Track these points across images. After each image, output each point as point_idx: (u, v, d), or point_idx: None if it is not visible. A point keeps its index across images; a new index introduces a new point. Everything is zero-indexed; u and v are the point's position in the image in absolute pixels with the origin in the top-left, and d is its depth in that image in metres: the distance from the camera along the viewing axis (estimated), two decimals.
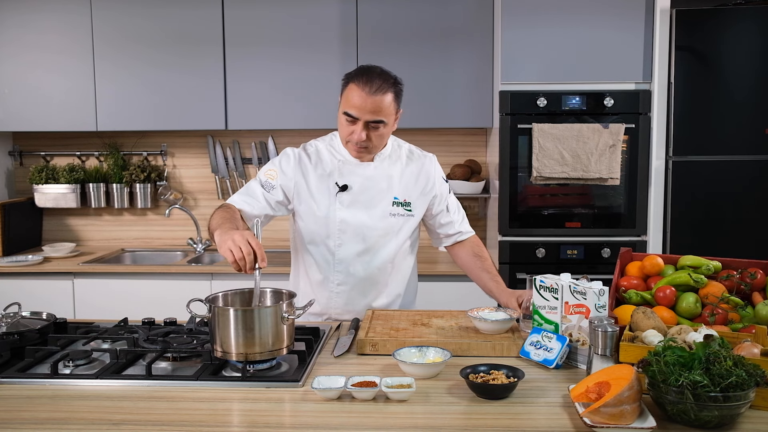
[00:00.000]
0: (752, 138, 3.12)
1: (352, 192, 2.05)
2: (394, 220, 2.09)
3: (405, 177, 2.11)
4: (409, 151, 2.17)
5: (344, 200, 2.06)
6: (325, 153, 2.10)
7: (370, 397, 1.43)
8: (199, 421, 1.35)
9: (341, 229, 2.06)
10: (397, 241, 2.11)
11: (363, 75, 1.93)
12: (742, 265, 1.84)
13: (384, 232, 2.08)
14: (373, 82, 1.91)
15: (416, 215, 2.13)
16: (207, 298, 1.66)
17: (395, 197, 2.09)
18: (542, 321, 1.73)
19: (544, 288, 1.73)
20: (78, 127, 3.57)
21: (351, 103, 1.92)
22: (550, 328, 1.71)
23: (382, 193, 2.08)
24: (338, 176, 2.06)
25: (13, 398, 1.47)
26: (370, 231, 2.07)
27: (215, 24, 3.46)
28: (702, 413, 1.25)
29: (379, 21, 3.41)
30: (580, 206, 3.23)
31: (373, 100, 1.90)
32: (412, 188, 2.12)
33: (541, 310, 1.74)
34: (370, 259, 2.09)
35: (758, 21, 3.08)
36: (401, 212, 2.09)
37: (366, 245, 2.08)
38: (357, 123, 1.94)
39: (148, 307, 2.77)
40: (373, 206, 2.07)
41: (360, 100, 1.90)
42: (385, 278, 2.13)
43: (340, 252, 2.08)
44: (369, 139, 1.96)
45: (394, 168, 2.10)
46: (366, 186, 2.06)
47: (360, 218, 2.06)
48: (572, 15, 3.13)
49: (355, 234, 2.06)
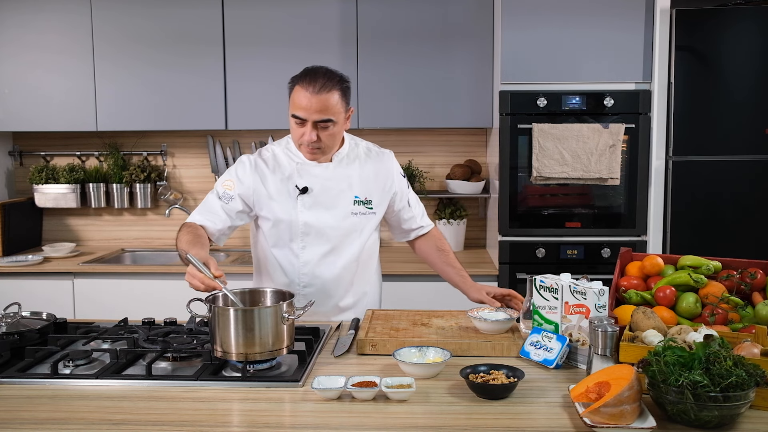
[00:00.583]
0: (752, 138, 3.12)
1: (312, 194, 2.05)
2: (356, 219, 2.09)
3: (364, 175, 2.11)
4: (366, 149, 2.16)
5: (306, 202, 2.05)
6: (282, 157, 2.08)
7: (370, 397, 1.43)
8: (199, 421, 1.35)
9: (304, 232, 2.06)
10: (361, 239, 2.11)
11: (307, 76, 1.92)
12: (742, 265, 1.84)
13: (347, 231, 2.08)
14: (317, 81, 1.89)
15: (378, 213, 2.14)
16: (207, 298, 1.66)
17: (356, 196, 2.08)
18: (542, 321, 1.73)
19: (544, 288, 1.73)
20: (78, 127, 3.57)
21: (297, 104, 1.91)
22: (550, 328, 1.71)
23: (343, 193, 2.07)
24: (297, 179, 2.05)
25: (13, 398, 1.47)
26: (333, 231, 2.07)
27: (215, 24, 3.46)
28: (702, 413, 1.25)
29: (379, 21, 3.41)
30: (580, 206, 3.23)
31: (318, 99, 1.88)
32: (372, 186, 2.12)
33: (541, 310, 1.74)
34: (335, 259, 2.09)
35: (758, 21, 3.08)
36: (363, 211, 2.10)
37: (330, 246, 2.07)
38: (306, 124, 1.93)
39: (148, 307, 2.76)
40: (335, 206, 2.07)
41: (306, 100, 1.89)
42: (350, 277, 2.13)
43: (305, 254, 2.07)
44: (319, 139, 1.95)
45: (352, 167, 2.10)
46: (326, 187, 2.06)
47: (322, 219, 2.05)
48: (572, 15, 3.13)
49: (318, 235, 2.06)
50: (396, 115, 3.44)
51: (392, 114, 3.44)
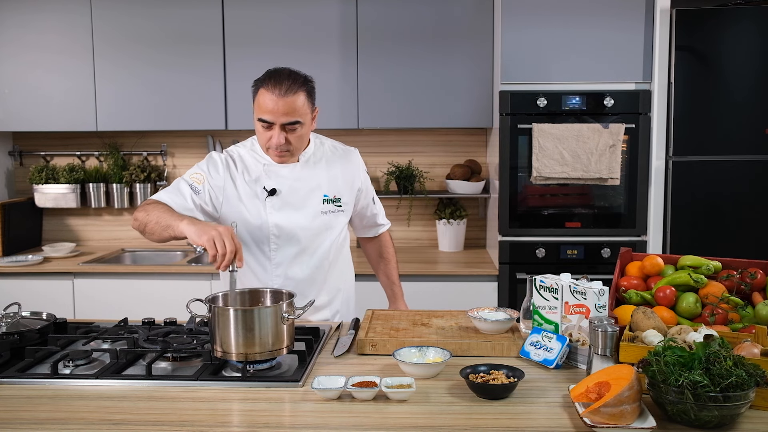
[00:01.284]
0: (752, 138, 3.12)
1: (281, 195, 2.04)
2: (326, 218, 2.08)
3: (332, 173, 2.10)
4: (332, 147, 2.16)
5: (275, 204, 2.03)
6: (249, 159, 2.06)
7: (370, 397, 1.43)
8: (199, 421, 1.35)
9: (275, 234, 2.04)
10: (332, 237, 2.11)
11: (271, 78, 1.89)
12: (742, 265, 1.84)
13: (318, 231, 2.08)
14: (282, 83, 1.88)
15: (346, 210, 2.14)
16: (207, 298, 1.66)
17: (325, 195, 2.08)
18: (542, 321, 1.73)
19: (544, 288, 1.73)
20: (78, 127, 3.57)
21: (264, 108, 1.89)
22: (550, 328, 1.71)
23: (311, 193, 2.07)
24: (265, 180, 2.04)
25: (13, 398, 1.47)
26: (304, 231, 2.06)
27: (215, 24, 3.46)
28: (702, 413, 1.25)
29: (379, 21, 3.41)
30: (580, 206, 3.23)
31: (284, 102, 1.87)
32: (340, 184, 2.12)
33: (541, 310, 1.74)
34: (307, 259, 2.08)
35: (758, 21, 3.08)
36: (332, 209, 2.09)
37: (302, 246, 2.07)
38: (273, 128, 1.92)
39: (148, 307, 2.77)
40: (304, 207, 2.06)
41: (272, 104, 1.87)
42: (323, 276, 2.13)
43: (277, 256, 2.06)
44: (288, 142, 1.94)
45: (319, 166, 2.09)
46: (294, 188, 2.05)
47: (293, 220, 2.04)
48: (572, 15, 3.13)
49: (289, 237, 2.05)
50: (396, 115, 3.44)
51: (392, 114, 3.45)
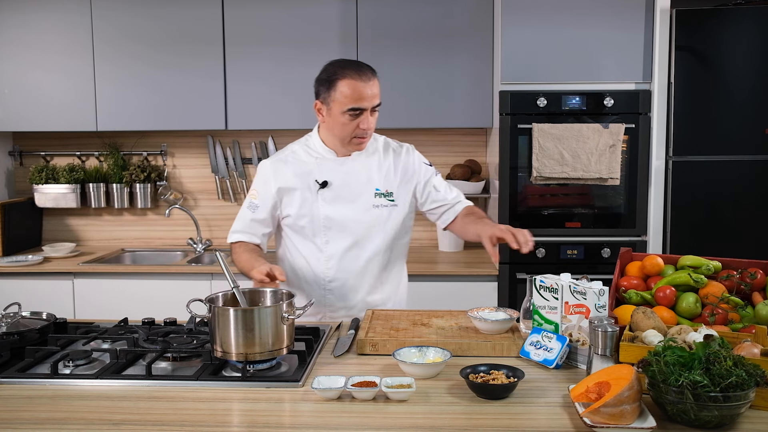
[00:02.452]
0: (752, 138, 3.12)
1: (332, 188, 2.07)
2: (378, 211, 2.10)
3: (384, 168, 2.13)
4: (385, 143, 2.19)
5: (326, 197, 2.07)
6: (302, 153, 2.13)
7: (370, 397, 1.43)
8: (199, 421, 1.35)
9: (326, 226, 2.08)
10: (385, 233, 2.12)
11: (350, 68, 1.97)
12: (742, 265, 1.84)
13: (370, 224, 2.09)
14: (364, 70, 1.97)
15: (400, 205, 2.14)
16: (207, 298, 1.66)
17: (377, 188, 2.10)
18: (542, 321, 1.73)
19: (544, 288, 1.73)
20: (78, 127, 3.57)
21: (354, 97, 1.95)
22: (550, 328, 1.71)
23: (363, 186, 2.09)
24: (318, 174, 2.08)
25: (13, 398, 1.47)
26: (355, 225, 2.08)
27: (215, 24, 3.46)
28: (702, 413, 1.25)
29: (379, 21, 3.41)
30: (580, 206, 3.23)
31: (371, 86, 1.97)
32: (393, 178, 2.13)
33: (541, 310, 1.74)
34: (359, 252, 2.10)
35: (758, 21, 3.08)
36: (384, 203, 2.11)
37: (353, 239, 2.09)
38: (363, 114, 1.98)
39: (148, 307, 2.76)
40: (356, 199, 2.08)
41: (361, 90, 1.95)
42: (376, 272, 2.14)
43: (329, 248, 2.09)
44: (371, 125, 2.02)
45: (371, 160, 2.12)
46: (346, 180, 2.08)
47: (344, 213, 2.07)
48: (572, 15, 3.13)
49: (341, 229, 2.08)
50: (396, 115, 3.44)
51: (392, 114, 3.44)
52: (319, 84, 2.04)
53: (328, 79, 2.00)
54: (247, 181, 3.87)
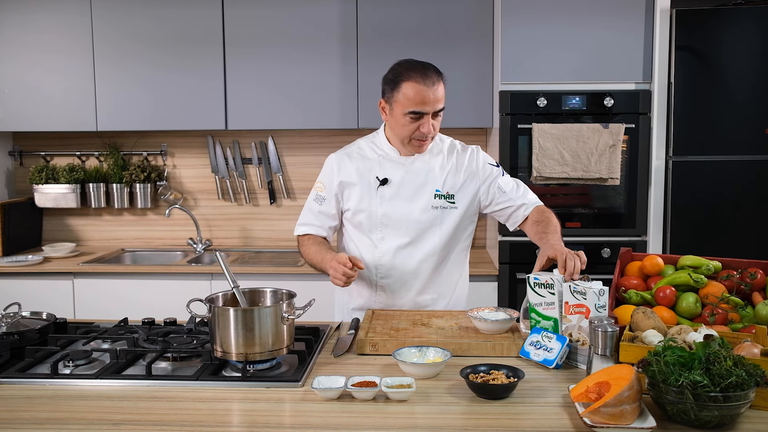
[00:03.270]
0: (752, 138, 3.12)
1: (392, 185, 2.09)
2: (436, 212, 2.10)
3: (447, 169, 2.13)
4: (450, 145, 2.19)
5: (385, 194, 2.09)
6: (367, 149, 2.16)
7: (370, 397, 1.43)
8: (199, 421, 1.35)
9: (383, 223, 2.10)
10: (441, 233, 2.11)
11: (415, 71, 1.97)
12: (742, 265, 1.84)
13: (427, 224, 2.10)
14: (429, 74, 1.97)
15: (460, 207, 2.13)
16: (207, 298, 1.66)
17: (437, 189, 2.11)
18: (540, 318, 1.73)
19: (539, 285, 1.73)
20: (78, 127, 3.57)
21: (415, 100, 1.96)
22: (549, 324, 1.71)
23: (424, 186, 2.10)
24: (379, 171, 2.11)
25: (13, 398, 1.47)
26: (412, 224, 2.09)
27: (215, 24, 3.46)
28: (702, 413, 1.25)
29: (379, 21, 3.41)
30: (580, 206, 3.23)
31: (434, 91, 1.96)
32: (454, 180, 2.13)
33: (537, 307, 1.74)
34: (412, 251, 2.11)
35: (758, 21, 3.08)
36: (444, 204, 2.11)
37: (409, 238, 2.10)
38: (424, 117, 1.98)
39: (148, 307, 2.77)
40: (415, 199, 2.09)
41: (423, 94, 1.95)
42: (429, 272, 2.14)
43: (383, 245, 2.11)
44: (434, 128, 2.02)
45: (435, 161, 2.13)
46: (407, 179, 2.10)
47: (402, 211, 2.09)
48: (572, 15, 3.13)
49: (397, 227, 2.09)
50: None
51: None
52: (385, 83, 2.05)
53: (393, 79, 2.00)
54: (247, 181, 3.88)
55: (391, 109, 2.03)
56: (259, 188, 3.90)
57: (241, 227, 3.92)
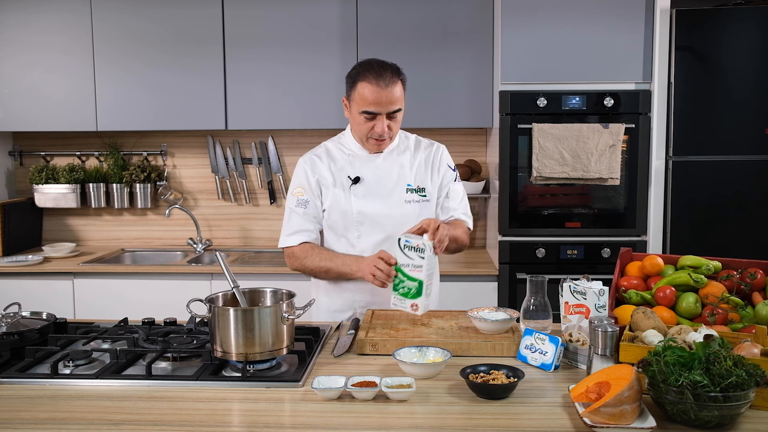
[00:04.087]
0: (752, 138, 3.12)
1: (365, 183, 2.11)
2: (410, 207, 2.12)
3: (416, 164, 2.16)
4: (416, 141, 2.22)
5: (358, 192, 2.11)
6: (335, 150, 2.17)
7: (370, 397, 1.43)
8: (199, 421, 1.35)
9: (359, 221, 2.11)
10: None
11: (372, 71, 1.98)
12: (742, 265, 1.84)
13: (402, 220, 2.10)
14: (385, 75, 1.97)
15: (432, 200, 2.16)
16: (207, 298, 1.66)
17: (408, 184, 2.13)
18: (404, 278, 1.82)
19: (409, 248, 1.81)
20: (78, 127, 3.57)
21: (369, 100, 1.98)
22: (413, 285, 1.80)
23: (395, 182, 2.12)
24: (350, 170, 2.12)
25: (13, 398, 1.47)
26: (387, 220, 2.11)
27: (215, 24, 3.46)
28: (702, 413, 1.25)
29: (379, 21, 3.41)
30: (580, 206, 3.23)
31: (388, 92, 1.97)
32: (424, 174, 2.16)
33: (404, 268, 1.82)
34: (390, 246, 2.09)
35: (758, 21, 3.08)
36: (416, 198, 2.13)
37: (385, 234, 2.11)
38: (377, 118, 2.00)
39: (148, 307, 2.77)
40: (388, 195, 2.11)
41: (376, 95, 1.96)
42: None
43: (361, 243, 2.12)
44: (390, 128, 2.03)
45: (403, 157, 2.15)
46: (378, 176, 2.12)
47: (376, 208, 2.10)
48: (572, 15, 3.13)
49: (373, 224, 2.11)
50: None
51: None
52: (346, 80, 2.07)
53: (352, 78, 2.03)
54: (247, 181, 3.88)
55: (350, 107, 2.06)
56: (259, 188, 3.90)
57: (241, 227, 3.92)
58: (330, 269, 2.07)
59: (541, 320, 1.78)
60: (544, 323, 1.78)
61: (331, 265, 2.07)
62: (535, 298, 1.79)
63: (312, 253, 2.11)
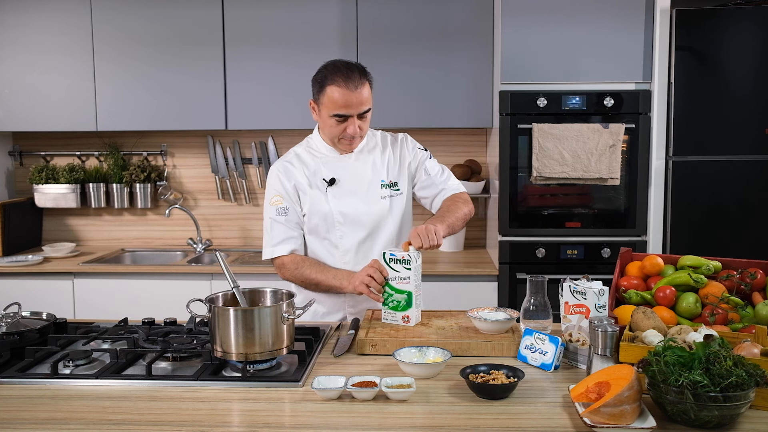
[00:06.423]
0: (752, 138, 3.12)
1: (341, 184, 2.13)
2: (386, 202, 2.15)
3: (386, 160, 2.19)
4: (382, 137, 2.25)
5: (335, 193, 2.12)
6: (305, 155, 2.18)
7: (370, 397, 1.43)
8: (199, 421, 1.35)
9: (340, 221, 2.12)
10: (394, 220, 2.16)
11: (339, 74, 1.99)
12: (742, 265, 1.84)
13: (380, 215, 2.14)
14: (353, 77, 1.98)
15: (403, 190, 2.20)
16: (207, 298, 1.66)
17: (382, 180, 2.16)
18: (393, 292, 1.85)
19: (395, 260, 1.85)
20: (78, 127, 3.57)
21: (339, 104, 2.00)
22: (402, 297, 1.84)
23: (370, 179, 2.15)
24: (324, 172, 2.14)
25: (13, 398, 1.47)
26: (367, 217, 2.13)
27: (215, 24, 3.46)
28: (702, 413, 1.25)
29: (379, 21, 3.41)
30: (580, 206, 3.23)
31: (357, 94, 1.99)
32: (394, 168, 2.19)
33: (392, 281, 1.85)
34: (372, 244, 2.14)
35: (758, 21, 3.08)
36: (391, 193, 2.16)
37: (367, 231, 2.13)
38: (348, 119, 2.02)
39: (148, 307, 2.77)
40: (365, 193, 2.13)
41: (346, 98, 1.98)
42: None
43: (343, 243, 2.13)
44: (360, 128, 2.05)
45: (374, 154, 2.18)
46: (353, 175, 2.14)
47: (356, 207, 2.12)
48: (572, 15, 3.13)
49: (353, 223, 2.12)
50: (396, 115, 3.44)
51: (392, 114, 3.44)
52: (313, 84, 2.09)
53: (319, 82, 2.05)
54: (247, 181, 3.88)
55: (319, 110, 2.07)
56: (259, 188, 3.90)
57: (241, 227, 3.92)
58: (320, 282, 2.07)
59: (541, 320, 1.78)
60: (544, 323, 1.78)
61: (321, 278, 2.06)
62: (535, 298, 1.79)
63: (303, 264, 2.10)
